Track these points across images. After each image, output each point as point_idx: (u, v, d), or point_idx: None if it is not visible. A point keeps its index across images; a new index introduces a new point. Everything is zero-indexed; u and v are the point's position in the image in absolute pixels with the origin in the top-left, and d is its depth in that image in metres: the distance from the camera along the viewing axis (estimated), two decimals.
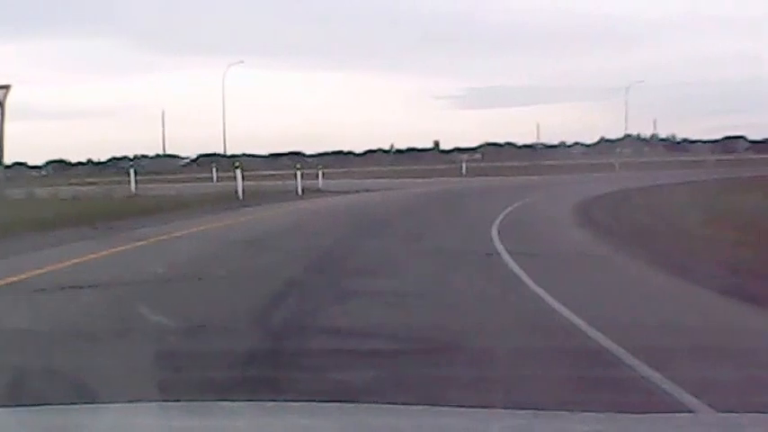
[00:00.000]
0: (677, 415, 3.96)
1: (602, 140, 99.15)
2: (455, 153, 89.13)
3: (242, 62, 77.12)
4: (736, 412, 4.31)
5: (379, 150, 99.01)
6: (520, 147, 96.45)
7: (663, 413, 4.24)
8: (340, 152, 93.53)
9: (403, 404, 3.81)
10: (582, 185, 36.89)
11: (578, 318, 8.01)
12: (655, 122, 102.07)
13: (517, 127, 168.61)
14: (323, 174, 42.15)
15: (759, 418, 3.12)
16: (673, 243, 14.65)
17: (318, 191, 37.71)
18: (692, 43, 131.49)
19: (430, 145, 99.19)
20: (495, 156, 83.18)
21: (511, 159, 76.52)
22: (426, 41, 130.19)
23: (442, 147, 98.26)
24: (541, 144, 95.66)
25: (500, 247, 13.88)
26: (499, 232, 16.48)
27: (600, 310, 8.65)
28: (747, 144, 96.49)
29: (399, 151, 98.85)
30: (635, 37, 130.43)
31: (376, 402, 4.71)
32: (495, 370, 6.35)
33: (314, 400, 4.12)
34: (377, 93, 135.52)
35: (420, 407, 3.59)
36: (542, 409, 3.51)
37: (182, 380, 6.04)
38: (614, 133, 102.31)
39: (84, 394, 5.40)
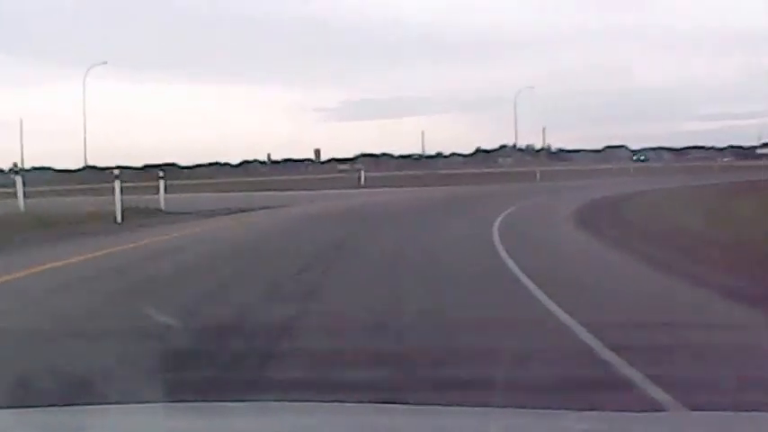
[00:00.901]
0: (675, 414, 3.93)
1: (479, 150, 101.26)
2: (332, 163, 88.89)
3: (105, 63, 72.19)
4: (732, 410, 3.85)
5: (255, 161, 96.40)
6: (397, 157, 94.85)
7: (661, 412, 4.22)
8: (216, 163, 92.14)
9: (403, 404, 3.83)
10: (535, 195, 34.37)
11: None
12: (544, 131, 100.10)
13: (397, 138, 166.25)
14: (167, 187, 28.22)
15: (759, 416, 3.14)
16: None
17: (156, 213, 25.07)
18: (576, 55, 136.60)
19: (307, 155, 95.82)
20: (373, 166, 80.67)
21: (393, 170, 74.78)
22: (307, 53, 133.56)
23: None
24: (419, 154, 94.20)
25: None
26: None
27: None
28: (629, 153, 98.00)
29: (275, 162, 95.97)
30: (520, 48, 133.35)
31: (376, 402, 4.34)
32: None
33: (314, 401, 4.21)
34: (255, 104, 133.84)
35: (420, 406, 3.71)
36: (542, 409, 3.66)
37: None
38: (492, 143, 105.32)
39: None
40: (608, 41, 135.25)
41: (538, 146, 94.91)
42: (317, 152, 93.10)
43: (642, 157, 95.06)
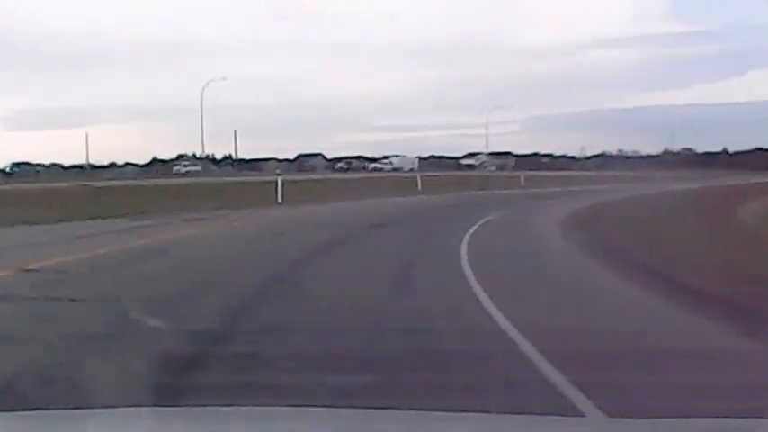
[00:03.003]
0: (677, 420, 3.53)
1: (155, 160, 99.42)
2: None
3: None
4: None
5: None
6: (67, 168, 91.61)
7: (661, 418, 3.81)
8: None
9: (396, 409, 3.72)
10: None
11: None
12: (236, 136, 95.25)
13: (65, 148, 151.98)
14: None
15: (760, 423, 3.23)
16: None
17: None
18: (257, 65, 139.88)
19: None
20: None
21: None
22: None
23: None
24: (88, 164, 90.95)
25: None
26: None
27: None
28: (326, 162, 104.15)
29: None
30: (204, 57, 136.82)
31: (369, 408, 4.44)
32: None
33: (307, 406, 3.98)
34: None
35: (413, 412, 3.68)
36: (537, 414, 3.88)
37: None
38: (171, 153, 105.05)
39: None
40: (287, 53, 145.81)
41: (225, 154, 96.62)
42: None
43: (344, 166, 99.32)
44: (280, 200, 36.41)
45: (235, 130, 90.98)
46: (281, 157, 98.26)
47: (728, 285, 11.18)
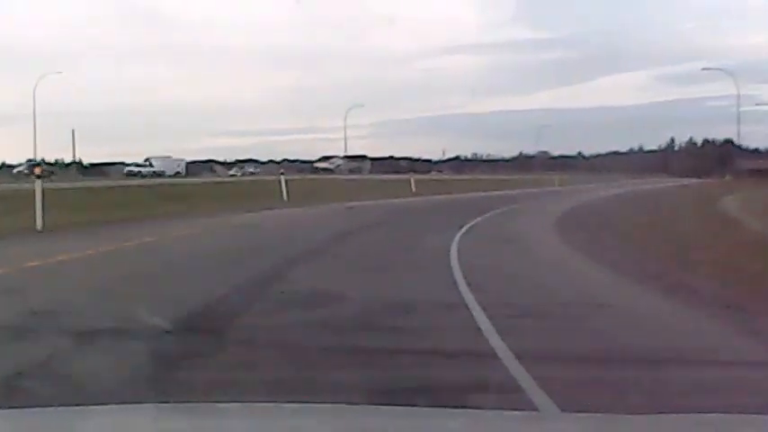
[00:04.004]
0: (678, 416, 3.38)
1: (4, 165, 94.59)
2: None
3: None
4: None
5: None
6: None
7: (665, 413, 3.47)
8: None
9: (396, 405, 3.69)
10: None
11: None
12: (73, 137, 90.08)
13: None
14: None
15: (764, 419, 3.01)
16: None
17: None
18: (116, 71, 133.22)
19: None
20: None
21: None
22: None
23: None
24: None
25: None
26: None
27: None
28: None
29: None
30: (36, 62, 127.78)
31: (369, 404, 4.48)
32: None
33: (307, 402, 4.06)
34: None
35: (413, 408, 3.68)
36: (538, 411, 3.89)
37: None
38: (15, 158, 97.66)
39: None
40: (141, 58, 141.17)
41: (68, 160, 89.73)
42: None
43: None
44: None
45: (72, 131, 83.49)
46: (129, 161, 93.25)
47: None
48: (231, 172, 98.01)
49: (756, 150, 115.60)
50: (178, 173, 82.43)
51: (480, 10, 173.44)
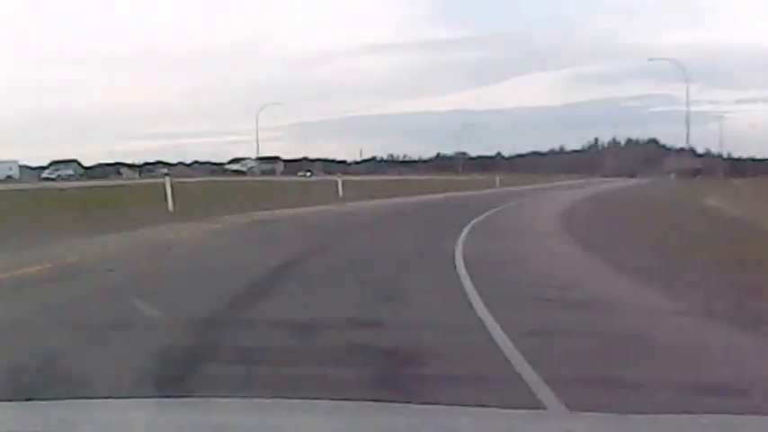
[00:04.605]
0: (682, 416, 3.15)
1: None
2: None
3: None
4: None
5: None
6: None
7: (668, 414, 3.52)
8: None
9: (397, 402, 3.71)
10: None
11: None
12: None
13: None
14: None
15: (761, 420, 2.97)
16: None
17: None
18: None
19: None
20: None
21: None
22: None
23: None
24: None
25: None
26: None
27: None
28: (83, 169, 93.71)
29: None
30: None
31: (371, 400, 4.25)
32: None
33: (309, 398, 3.71)
34: None
35: (415, 405, 3.48)
36: (541, 409, 3.76)
37: None
38: None
39: None
40: (41, 62, 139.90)
41: None
42: None
43: None
44: None
45: None
46: (33, 165, 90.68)
47: None
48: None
49: (682, 150, 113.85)
50: (9, 176, 74.76)
51: (397, 10, 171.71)
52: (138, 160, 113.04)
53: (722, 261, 11.60)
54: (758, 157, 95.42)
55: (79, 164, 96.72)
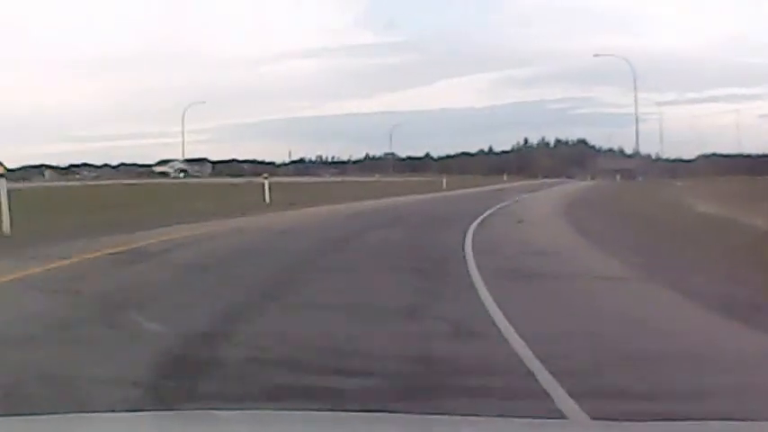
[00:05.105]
0: (682, 423, 3.27)
1: None
2: None
3: None
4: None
5: None
6: None
7: (668, 420, 3.56)
8: None
9: (397, 413, 3.55)
10: None
11: None
12: None
13: None
14: None
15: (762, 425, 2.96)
16: None
17: None
18: None
19: None
20: None
21: None
22: None
23: None
24: None
25: None
26: None
27: None
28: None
29: None
30: None
31: (370, 411, 4.04)
32: None
33: (308, 409, 3.80)
34: None
35: (414, 416, 3.38)
36: (540, 418, 3.46)
37: None
38: None
39: None
40: None
41: None
42: None
43: None
44: None
45: None
46: None
47: None
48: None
49: (611, 150, 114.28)
50: None
51: (324, 14, 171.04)
52: (63, 162, 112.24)
53: None
54: (685, 158, 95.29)
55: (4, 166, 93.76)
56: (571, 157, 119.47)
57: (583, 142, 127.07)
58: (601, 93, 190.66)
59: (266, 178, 31.94)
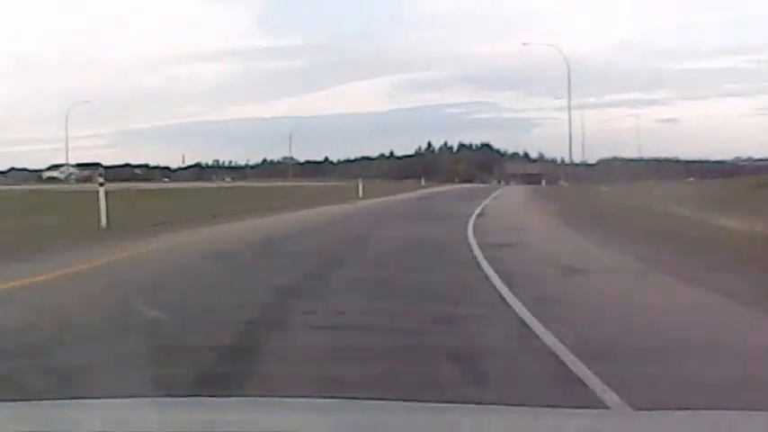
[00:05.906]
0: (675, 412, 3.07)
1: None
2: None
3: None
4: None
5: None
6: None
7: (660, 410, 3.55)
8: None
9: (397, 400, 3.28)
10: None
11: None
12: None
13: None
14: None
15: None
16: None
17: None
18: None
19: None
20: None
21: None
22: None
23: None
24: None
25: None
26: None
27: None
28: None
29: None
30: None
31: (370, 399, 3.82)
32: None
33: (308, 396, 3.75)
34: None
35: (414, 403, 3.16)
36: (539, 407, 3.37)
37: None
38: None
39: None
40: None
41: None
42: None
43: None
44: None
45: None
46: None
47: None
48: None
49: (516, 154, 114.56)
50: None
51: (222, 18, 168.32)
52: None
53: None
54: (588, 162, 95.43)
55: None
56: (476, 162, 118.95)
57: (487, 146, 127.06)
58: (500, 98, 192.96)
59: (100, 182, 20.93)
